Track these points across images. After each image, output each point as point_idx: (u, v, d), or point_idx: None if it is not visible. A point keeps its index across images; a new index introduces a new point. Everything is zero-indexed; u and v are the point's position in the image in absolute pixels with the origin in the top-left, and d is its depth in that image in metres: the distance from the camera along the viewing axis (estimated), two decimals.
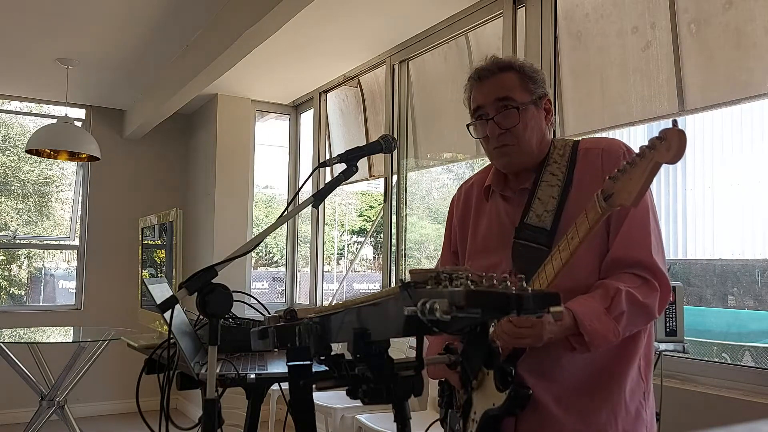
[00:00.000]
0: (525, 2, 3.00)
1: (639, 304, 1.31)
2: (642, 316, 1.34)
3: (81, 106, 5.45)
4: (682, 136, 1.01)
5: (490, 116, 1.44)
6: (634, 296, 1.31)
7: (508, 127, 1.43)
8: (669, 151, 1.01)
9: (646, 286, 1.33)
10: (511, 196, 1.52)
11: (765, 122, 3.59)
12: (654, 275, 1.34)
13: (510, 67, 1.46)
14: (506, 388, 1.32)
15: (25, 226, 5.67)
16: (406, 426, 1.00)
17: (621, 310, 1.30)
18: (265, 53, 3.84)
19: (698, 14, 2.32)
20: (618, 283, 1.32)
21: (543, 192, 1.44)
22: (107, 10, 3.51)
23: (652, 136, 1.05)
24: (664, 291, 1.35)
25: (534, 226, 1.41)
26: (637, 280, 1.34)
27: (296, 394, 1.09)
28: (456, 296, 0.74)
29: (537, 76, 1.47)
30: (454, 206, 1.69)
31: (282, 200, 8.11)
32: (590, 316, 1.28)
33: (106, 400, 5.23)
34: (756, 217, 3.63)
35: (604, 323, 1.28)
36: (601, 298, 1.31)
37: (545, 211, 1.41)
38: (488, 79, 1.46)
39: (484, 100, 1.46)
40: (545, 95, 1.48)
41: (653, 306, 1.34)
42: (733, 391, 2.11)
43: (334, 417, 3.26)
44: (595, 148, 1.44)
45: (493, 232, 1.53)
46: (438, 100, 3.75)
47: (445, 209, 1.81)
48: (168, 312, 1.22)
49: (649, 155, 1.05)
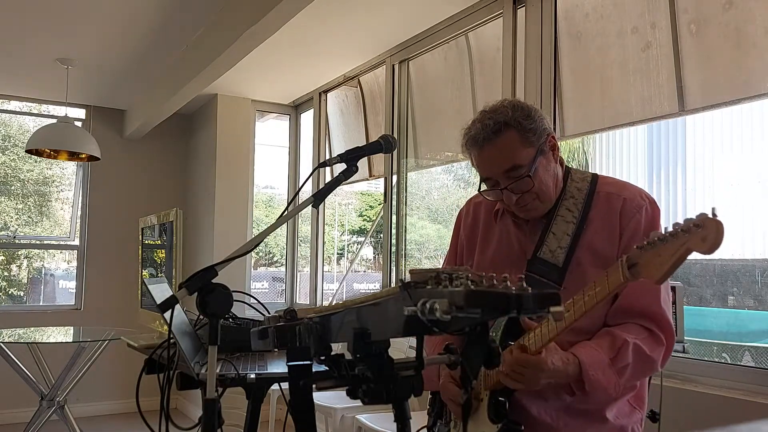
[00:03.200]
0: (525, 2, 3.00)
1: (645, 357, 1.31)
2: (646, 369, 1.34)
3: (81, 106, 5.45)
4: (720, 228, 0.97)
5: (502, 186, 1.40)
6: (641, 349, 1.30)
7: (523, 191, 1.39)
8: (704, 242, 0.97)
9: (652, 339, 1.33)
10: (523, 223, 1.49)
11: (765, 122, 3.59)
12: (661, 328, 1.33)
13: (506, 126, 1.37)
14: (499, 420, 1.31)
15: (25, 226, 5.67)
16: (406, 426, 1.00)
17: (626, 362, 1.29)
18: (265, 53, 3.84)
19: (698, 14, 2.32)
20: (625, 334, 1.31)
21: (557, 227, 1.42)
22: (107, 10, 3.51)
23: (689, 218, 1.01)
24: (670, 345, 1.35)
25: (546, 261, 1.40)
26: (643, 332, 1.33)
27: (296, 394, 1.09)
28: (456, 296, 0.74)
29: (534, 123, 1.39)
30: (462, 220, 1.67)
31: (282, 200, 8.11)
32: (596, 366, 1.27)
33: (106, 400, 5.23)
34: (756, 217, 3.62)
35: (608, 376, 1.28)
36: (608, 348, 1.30)
37: (558, 247, 1.40)
38: (488, 145, 1.39)
39: (492, 172, 1.41)
40: (548, 135, 1.41)
41: (658, 360, 1.33)
42: (733, 391, 2.11)
43: (334, 417, 3.26)
44: (616, 195, 1.41)
45: (502, 255, 1.52)
46: (438, 100, 3.75)
47: (445, 209, 1.81)
48: (168, 312, 1.22)
49: (682, 238, 1.01)
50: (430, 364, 1.28)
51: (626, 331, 1.32)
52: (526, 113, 1.39)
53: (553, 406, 1.38)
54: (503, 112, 1.39)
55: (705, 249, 0.98)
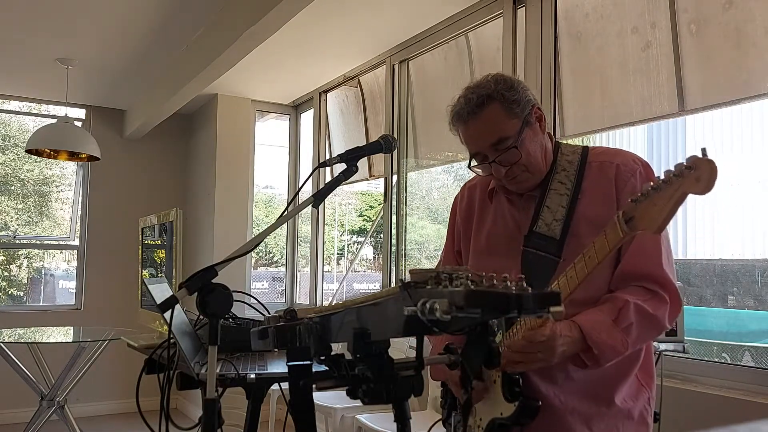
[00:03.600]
0: (525, 2, 3.00)
1: (648, 315, 1.30)
2: (652, 328, 1.33)
3: (81, 106, 5.45)
4: (713, 166, 0.95)
5: (490, 160, 1.40)
6: (643, 308, 1.30)
7: (512, 163, 1.39)
8: (699, 182, 0.96)
9: (656, 299, 1.32)
10: (517, 200, 1.50)
11: (765, 122, 3.59)
12: (663, 288, 1.33)
13: (489, 99, 1.38)
14: (515, 399, 1.31)
15: (25, 226, 5.67)
16: (406, 426, 1.00)
17: (629, 321, 1.29)
18: (265, 53, 3.84)
19: (698, 14, 2.32)
20: (626, 295, 1.32)
21: (551, 200, 1.42)
22: (107, 10, 3.51)
23: (679, 162, 0.99)
24: (674, 303, 1.34)
25: (543, 234, 1.40)
26: (646, 294, 1.33)
27: (296, 394, 1.09)
28: (456, 296, 0.74)
29: (518, 93, 1.39)
30: (457, 205, 1.68)
31: (282, 200, 8.11)
32: (597, 328, 1.27)
33: (106, 400, 5.23)
34: (756, 217, 3.62)
35: (612, 335, 1.27)
36: (609, 310, 1.30)
37: (554, 219, 1.40)
38: (473, 119, 1.39)
39: (479, 146, 1.41)
40: (532, 106, 1.41)
41: (663, 318, 1.33)
42: (733, 391, 2.11)
43: (334, 417, 3.26)
44: (608, 162, 1.41)
45: (498, 233, 1.52)
46: (438, 100, 3.75)
47: (445, 209, 1.82)
48: (168, 312, 1.22)
49: (675, 183, 1.00)
50: (430, 363, 1.28)
51: (627, 293, 1.32)
52: (509, 85, 1.40)
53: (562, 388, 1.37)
54: (486, 86, 1.40)
55: (700, 189, 0.97)
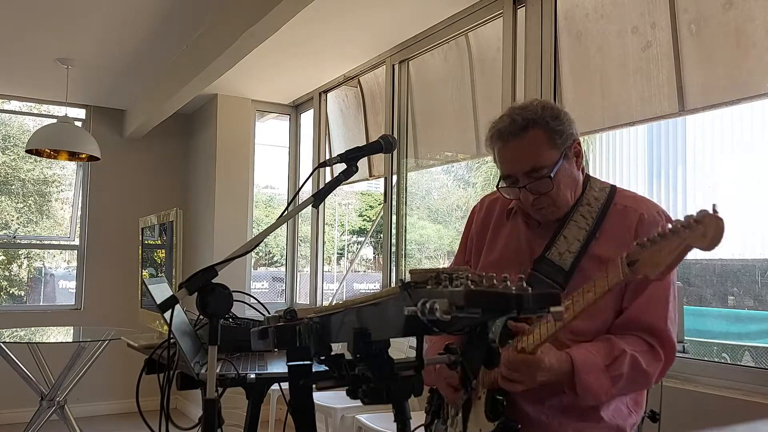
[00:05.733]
0: (525, 2, 3.00)
1: (640, 370, 1.30)
2: (640, 382, 1.34)
3: (81, 106, 5.45)
4: (720, 224, 0.96)
5: (521, 185, 1.39)
6: (638, 362, 1.30)
7: (541, 192, 1.38)
8: (704, 238, 0.97)
9: (651, 354, 1.32)
10: (535, 225, 1.49)
11: (765, 122, 3.59)
12: (663, 345, 1.33)
13: (534, 124, 1.36)
14: (496, 418, 1.31)
15: (26, 226, 5.67)
16: (406, 426, 1.00)
17: (621, 372, 1.29)
18: (265, 53, 3.84)
19: (698, 14, 2.32)
20: (624, 343, 1.31)
21: (570, 231, 1.41)
22: (107, 10, 3.51)
23: (689, 215, 1.01)
24: (668, 362, 1.34)
25: (553, 262, 1.40)
26: (643, 345, 1.33)
27: (296, 394, 1.09)
28: (456, 296, 0.74)
29: (563, 125, 1.38)
30: (474, 216, 1.67)
31: (282, 200, 8.11)
32: (588, 368, 1.27)
33: (106, 400, 5.23)
34: (756, 217, 3.62)
35: (600, 381, 1.27)
36: (605, 354, 1.30)
37: (567, 251, 1.40)
38: (514, 140, 1.38)
39: (513, 169, 1.40)
40: (573, 140, 1.40)
41: (653, 375, 1.33)
42: (733, 391, 2.11)
43: (334, 417, 3.26)
44: (633, 209, 1.41)
45: (510, 251, 1.52)
46: (438, 100, 3.75)
47: (445, 209, 1.82)
48: (168, 312, 1.22)
49: (682, 234, 1.01)
50: (430, 363, 1.28)
51: (625, 341, 1.32)
52: (555, 114, 1.39)
53: (549, 406, 1.38)
54: (533, 110, 1.39)
55: (705, 245, 0.98)
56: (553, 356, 1.26)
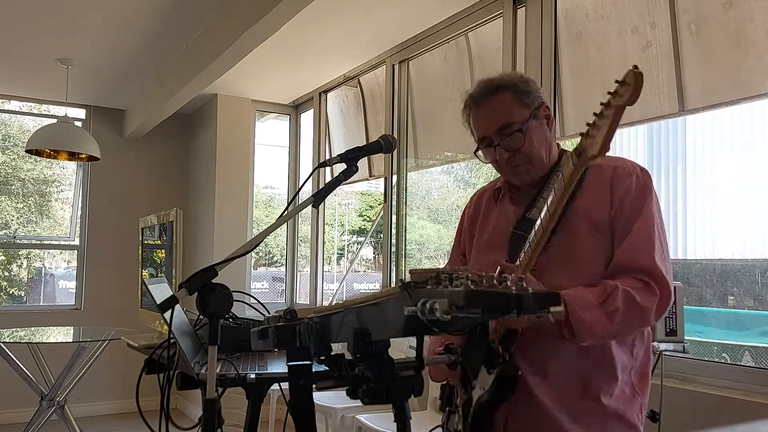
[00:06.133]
0: (525, 2, 3.00)
1: (635, 304, 1.30)
2: (637, 317, 1.33)
3: (81, 106, 5.45)
4: (639, 75, 1.02)
5: (495, 143, 1.46)
6: (632, 296, 1.30)
7: (515, 149, 1.44)
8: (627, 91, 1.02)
9: (646, 290, 1.32)
10: (518, 197, 1.54)
11: (765, 122, 3.59)
12: (655, 280, 1.33)
13: (502, 88, 1.46)
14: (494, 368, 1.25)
15: (26, 226, 5.67)
16: (406, 426, 1.00)
17: (615, 306, 1.29)
18: (265, 53, 3.84)
19: (698, 14, 2.32)
20: (616, 281, 1.32)
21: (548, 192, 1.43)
22: (107, 11, 3.51)
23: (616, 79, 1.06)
24: (664, 297, 1.33)
25: (534, 219, 1.41)
26: (637, 283, 1.33)
27: (296, 394, 1.09)
28: (456, 296, 0.74)
29: (530, 87, 1.47)
30: (466, 213, 1.73)
31: (282, 200, 8.11)
32: (581, 305, 1.27)
33: (106, 400, 5.23)
34: (756, 217, 3.62)
35: (595, 315, 1.27)
36: (598, 292, 1.31)
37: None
38: (484, 104, 1.48)
39: (487, 129, 1.48)
40: (542, 103, 1.48)
41: (650, 309, 1.32)
42: (733, 391, 2.11)
43: (334, 417, 3.26)
44: (607, 164, 1.44)
45: (500, 229, 1.55)
46: (438, 100, 3.75)
47: (445, 209, 1.84)
48: (168, 312, 1.22)
49: (613, 102, 1.06)
50: (430, 363, 1.28)
51: (618, 280, 1.33)
52: (523, 79, 1.49)
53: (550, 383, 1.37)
54: (502, 78, 1.50)
55: (627, 98, 1.03)
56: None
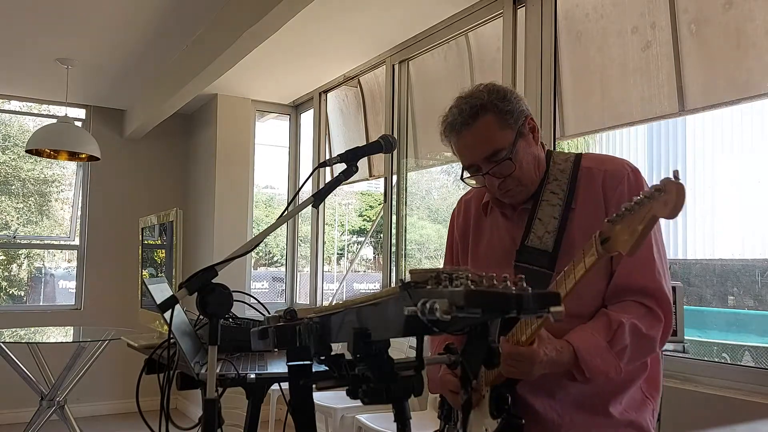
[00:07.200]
0: (525, 2, 3.00)
1: (642, 335, 1.29)
2: (645, 348, 1.32)
3: (81, 106, 5.45)
4: (681, 190, 0.95)
5: (484, 171, 1.40)
6: (638, 328, 1.29)
7: (505, 175, 1.39)
8: (666, 206, 0.96)
9: (651, 316, 1.31)
10: (510, 213, 1.49)
11: (765, 122, 3.59)
12: (658, 303, 1.32)
13: (483, 109, 1.37)
14: (500, 415, 1.29)
15: (26, 226, 5.67)
16: (406, 426, 1.00)
17: (624, 344, 1.27)
18: (265, 53, 3.84)
19: (698, 14, 2.32)
20: (621, 314, 1.30)
21: (543, 212, 1.40)
22: (107, 11, 3.51)
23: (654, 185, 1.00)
24: (668, 320, 1.33)
25: (535, 248, 1.38)
26: (641, 309, 1.31)
27: (296, 394, 1.09)
28: (456, 296, 0.74)
29: (511, 104, 1.38)
30: (455, 219, 1.67)
31: (282, 200, 8.11)
32: (591, 351, 1.26)
33: (106, 400, 5.23)
34: (756, 217, 3.62)
35: (606, 359, 1.26)
36: (604, 331, 1.28)
37: (546, 232, 1.38)
38: (466, 130, 1.38)
39: (472, 158, 1.41)
40: (525, 117, 1.40)
41: (656, 338, 1.32)
42: (733, 391, 2.11)
43: (334, 417, 3.26)
44: (597, 169, 1.40)
45: (494, 250, 1.51)
46: (438, 100, 3.75)
47: (445, 209, 1.83)
48: (168, 312, 1.22)
49: (647, 205, 1.00)
50: (430, 363, 1.28)
51: (623, 311, 1.31)
52: (502, 95, 1.38)
53: (559, 401, 1.36)
54: (479, 96, 1.39)
55: (667, 213, 0.97)
56: (551, 347, 1.24)
